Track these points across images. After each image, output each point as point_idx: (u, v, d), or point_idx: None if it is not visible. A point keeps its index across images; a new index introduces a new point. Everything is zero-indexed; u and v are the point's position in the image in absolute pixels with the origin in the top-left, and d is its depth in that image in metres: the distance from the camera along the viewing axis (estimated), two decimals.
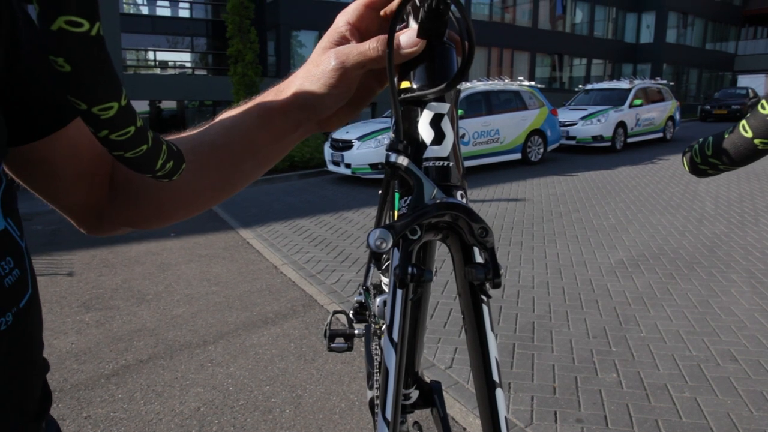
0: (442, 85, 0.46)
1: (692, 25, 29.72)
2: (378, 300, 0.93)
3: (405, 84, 0.49)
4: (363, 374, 2.75)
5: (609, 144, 12.19)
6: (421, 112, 0.48)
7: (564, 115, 12.50)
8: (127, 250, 5.22)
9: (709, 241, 5.03)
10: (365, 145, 8.64)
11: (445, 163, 0.48)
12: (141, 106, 16.61)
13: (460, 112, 9.13)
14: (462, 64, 0.45)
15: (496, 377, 0.46)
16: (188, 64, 20.35)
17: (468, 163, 9.52)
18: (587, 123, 12.21)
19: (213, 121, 0.58)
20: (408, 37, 0.47)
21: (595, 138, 12.12)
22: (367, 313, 1.13)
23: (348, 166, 8.84)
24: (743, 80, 31.13)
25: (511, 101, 10.39)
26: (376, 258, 0.47)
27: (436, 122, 0.48)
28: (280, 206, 7.43)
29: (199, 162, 0.55)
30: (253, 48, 12.20)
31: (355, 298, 1.15)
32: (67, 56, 0.29)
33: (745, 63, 32.69)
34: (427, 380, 0.90)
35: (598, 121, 12.14)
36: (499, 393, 0.47)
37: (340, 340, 1.13)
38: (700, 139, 0.41)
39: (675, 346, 3.00)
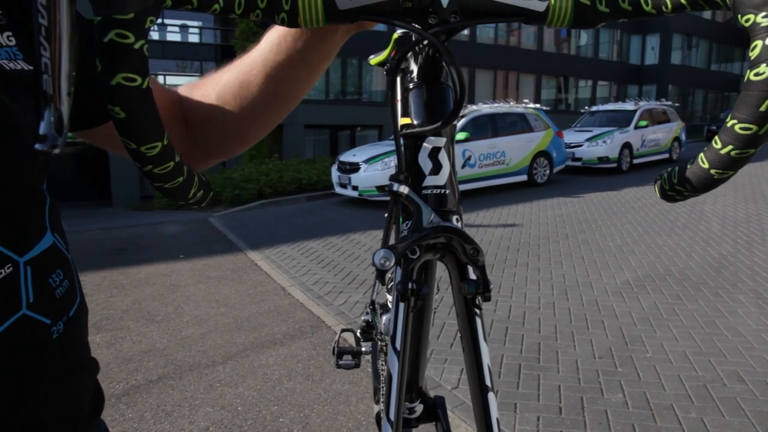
0: (438, 123, 0.52)
1: (696, 46, 29.91)
2: (384, 318, 0.98)
3: (406, 120, 0.55)
4: (370, 394, 2.78)
5: (615, 165, 12.23)
6: (421, 145, 0.54)
7: (570, 136, 12.58)
8: (137, 271, 5.29)
9: (715, 262, 5.03)
10: (372, 168, 8.74)
11: (442, 191, 0.54)
12: None
13: (466, 134, 9.28)
14: (454, 106, 0.51)
15: (488, 382, 0.51)
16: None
17: (474, 185, 9.60)
18: (593, 144, 12.28)
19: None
20: None
21: (601, 159, 12.17)
22: (374, 331, 1.18)
23: (355, 188, 8.93)
24: None
25: (517, 123, 10.49)
26: (380, 275, 0.53)
27: (433, 155, 0.54)
28: (288, 228, 7.51)
29: (262, 80, 0.62)
30: None
31: (362, 318, 1.20)
32: (122, 105, 0.37)
33: None
34: (431, 395, 0.94)
35: (604, 142, 12.22)
36: (491, 396, 0.51)
37: (347, 357, 1.18)
38: (669, 168, 0.46)
39: (681, 366, 3.01)
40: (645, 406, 2.60)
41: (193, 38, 20.22)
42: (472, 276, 0.53)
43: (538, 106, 11.41)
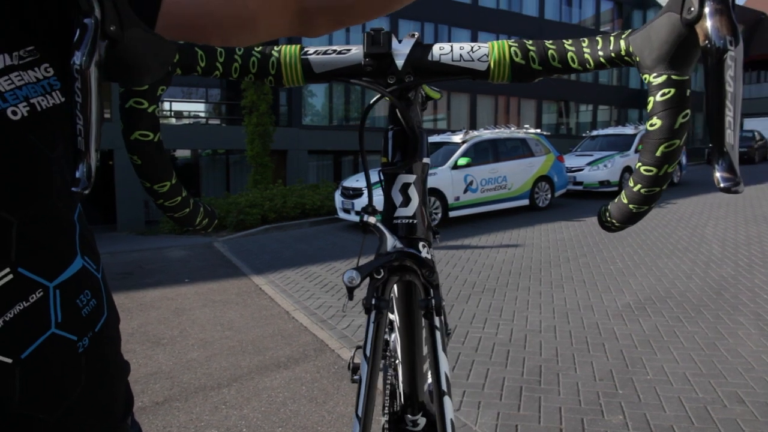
0: (401, 163, 0.62)
1: (696, 70, 30.07)
2: (393, 336, 1.05)
3: (384, 159, 0.64)
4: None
5: (616, 189, 12.31)
6: (394, 181, 0.62)
7: (571, 161, 12.70)
8: (143, 295, 5.35)
9: (716, 284, 5.07)
10: (376, 193, 8.76)
11: (411, 221, 0.63)
12: None
13: (468, 159, 9.41)
14: (410, 149, 0.61)
15: (444, 387, 0.60)
16: (202, 114, 20.99)
17: (476, 210, 9.68)
18: (594, 168, 12.39)
19: None
20: None
21: (602, 183, 12.27)
22: (388, 348, 1.25)
23: (358, 213, 9.00)
24: (749, 123, 31.36)
25: (518, 148, 10.62)
26: (348, 291, 0.62)
27: (404, 189, 0.63)
28: (292, 253, 7.58)
29: None
30: (266, 99, 12.64)
31: None
32: (139, 155, 0.49)
33: (750, 106, 33.04)
34: (433, 410, 1.00)
35: (605, 166, 12.32)
36: (447, 400, 0.60)
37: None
38: (608, 203, 0.54)
39: (681, 388, 3.03)
40: (645, 428, 2.62)
41: None
42: (430, 295, 0.61)
43: (538, 131, 11.56)
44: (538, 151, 10.83)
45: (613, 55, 0.47)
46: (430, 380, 0.93)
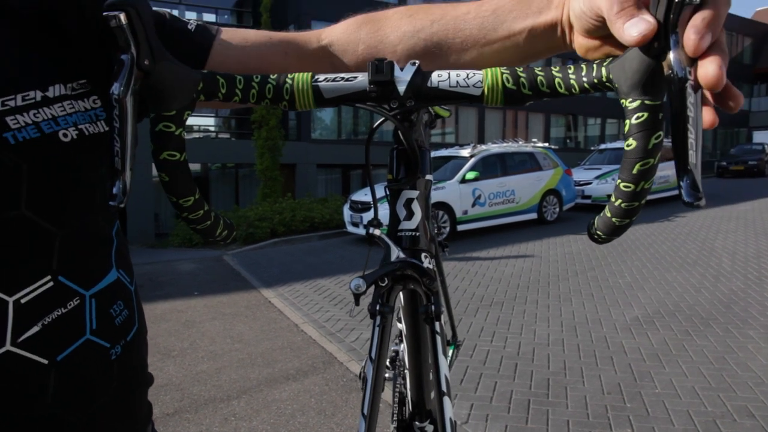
0: (404, 180, 0.67)
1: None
2: (402, 347, 1.08)
3: (390, 176, 0.69)
4: (381, 427, 2.82)
5: None
6: (398, 196, 0.67)
7: (579, 174, 12.69)
8: (153, 308, 5.40)
9: (725, 298, 5.05)
10: (383, 207, 8.83)
11: (414, 233, 0.68)
12: None
13: (476, 173, 9.45)
14: (413, 166, 0.66)
15: (444, 388, 0.64)
16: (212, 128, 21.20)
17: (484, 224, 9.70)
18: (602, 182, 12.39)
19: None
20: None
21: (610, 197, 12.22)
22: (398, 359, 1.29)
23: (366, 226, 9.04)
24: (758, 136, 31.23)
25: (526, 162, 10.65)
26: (355, 297, 0.67)
27: (408, 204, 0.67)
28: (301, 266, 7.62)
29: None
30: (276, 113, 12.78)
31: (392, 348, 1.31)
32: (166, 173, 0.54)
33: (759, 119, 32.93)
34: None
35: (613, 179, 12.29)
36: (446, 400, 0.63)
37: None
38: (594, 216, 0.58)
39: (690, 401, 3.03)
40: None
41: None
42: (431, 302, 0.66)
43: (546, 144, 11.58)
44: (546, 164, 10.85)
45: (595, 81, 0.52)
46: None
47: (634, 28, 0.43)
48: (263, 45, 0.70)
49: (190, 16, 20.17)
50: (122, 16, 0.47)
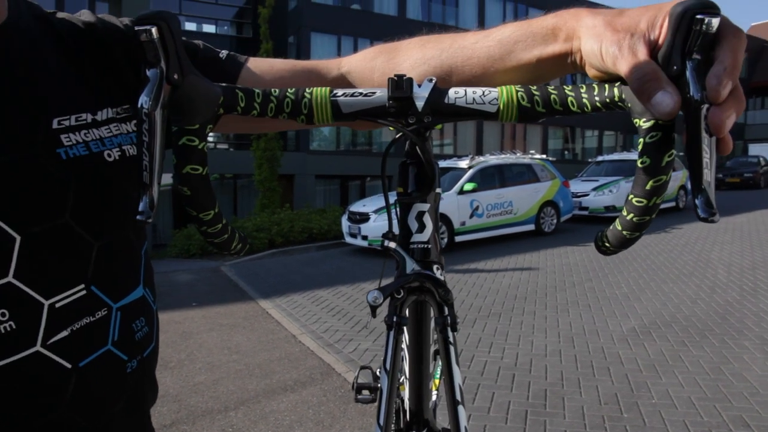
0: (417, 194, 0.69)
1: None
2: (400, 356, 1.10)
3: (400, 189, 0.71)
4: None
5: None
6: (410, 209, 0.70)
7: (576, 186, 12.75)
8: None
9: (721, 309, 5.07)
10: (382, 218, 8.90)
11: (426, 246, 0.69)
12: (165, 178, 17.25)
13: (474, 185, 9.48)
14: (427, 181, 0.68)
15: (458, 397, 0.65)
16: (210, 139, 21.23)
17: (482, 235, 9.73)
18: (599, 194, 12.43)
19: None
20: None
21: (607, 208, 12.29)
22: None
23: (365, 238, 9.08)
24: (754, 149, 31.44)
25: (524, 174, 10.71)
26: (371, 310, 0.68)
27: (419, 217, 0.69)
28: (299, 277, 7.63)
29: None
30: None
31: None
32: (188, 187, 0.55)
33: (754, 132, 33.14)
34: (440, 428, 1.04)
35: (610, 191, 12.36)
36: (461, 409, 0.64)
37: (366, 392, 1.29)
38: (604, 229, 0.61)
39: (686, 412, 3.04)
40: None
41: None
42: (446, 313, 0.68)
43: (544, 156, 11.65)
44: (543, 176, 10.90)
45: (608, 100, 0.53)
46: (434, 397, 0.97)
47: (662, 106, 0.44)
48: (287, 72, 0.74)
49: (191, 27, 20.36)
50: (154, 30, 0.49)
